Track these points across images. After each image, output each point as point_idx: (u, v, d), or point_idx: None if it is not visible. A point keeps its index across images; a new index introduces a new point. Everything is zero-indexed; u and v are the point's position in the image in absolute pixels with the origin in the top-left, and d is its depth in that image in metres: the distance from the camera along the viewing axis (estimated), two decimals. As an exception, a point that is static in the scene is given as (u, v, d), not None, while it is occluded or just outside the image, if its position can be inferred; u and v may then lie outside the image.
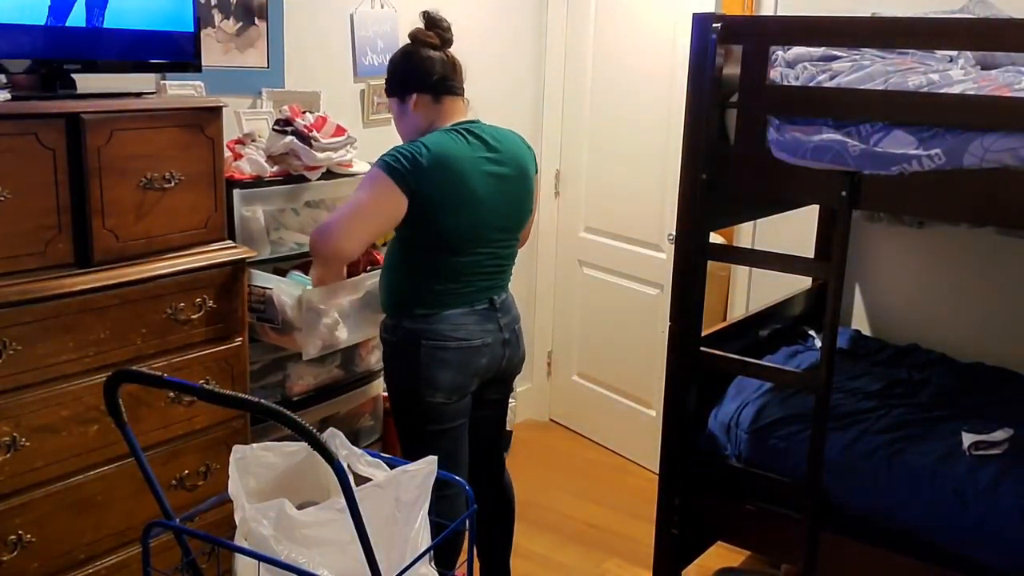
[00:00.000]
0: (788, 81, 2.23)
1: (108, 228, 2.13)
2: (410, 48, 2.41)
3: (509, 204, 2.39)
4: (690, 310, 2.46)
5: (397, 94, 2.42)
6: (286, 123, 2.62)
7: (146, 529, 1.68)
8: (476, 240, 2.33)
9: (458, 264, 2.32)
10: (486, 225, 2.34)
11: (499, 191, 2.35)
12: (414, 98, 2.37)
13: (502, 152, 2.37)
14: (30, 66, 2.14)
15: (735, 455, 2.57)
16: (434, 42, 2.38)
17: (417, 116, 2.39)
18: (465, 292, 2.34)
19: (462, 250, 2.31)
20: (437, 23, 2.40)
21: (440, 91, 2.37)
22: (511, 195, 2.39)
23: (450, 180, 2.25)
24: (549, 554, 3.18)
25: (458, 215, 2.27)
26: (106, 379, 1.61)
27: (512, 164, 2.39)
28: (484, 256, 2.36)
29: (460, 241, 2.30)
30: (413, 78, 2.38)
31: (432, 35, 2.39)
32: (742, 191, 2.40)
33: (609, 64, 3.83)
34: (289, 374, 2.74)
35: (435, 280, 2.32)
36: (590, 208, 4.02)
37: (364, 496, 1.56)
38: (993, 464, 2.27)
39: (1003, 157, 1.94)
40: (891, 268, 3.24)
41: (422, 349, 2.31)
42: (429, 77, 2.36)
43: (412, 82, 2.38)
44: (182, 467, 2.34)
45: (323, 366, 2.81)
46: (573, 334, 4.18)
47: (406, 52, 2.41)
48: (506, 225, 2.41)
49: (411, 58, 2.39)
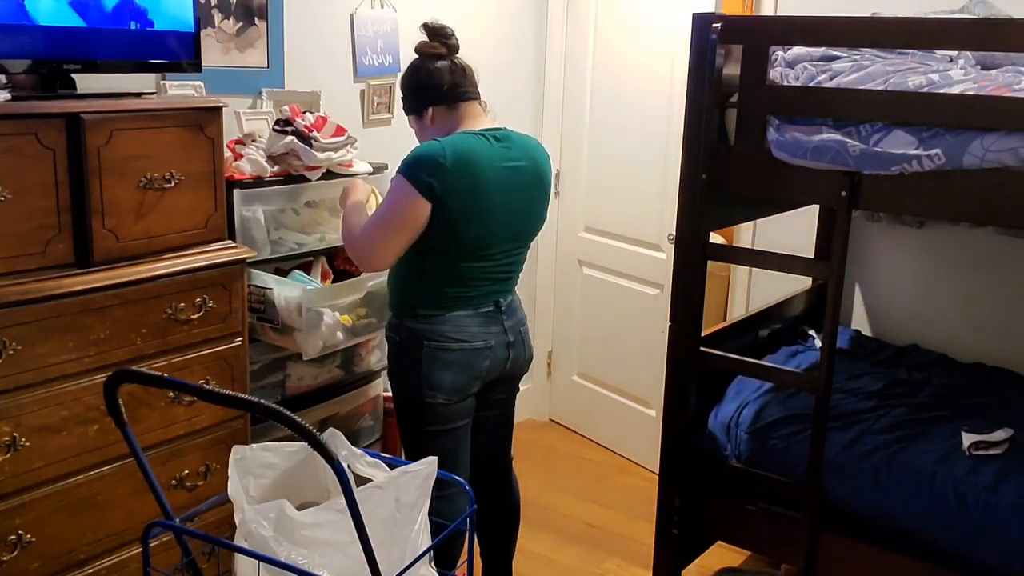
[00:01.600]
0: (788, 81, 2.23)
1: (108, 228, 2.13)
2: (417, 63, 2.40)
3: (524, 211, 2.39)
4: (690, 310, 2.46)
5: (415, 111, 2.42)
6: (286, 123, 2.62)
7: (146, 529, 1.68)
8: (489, 246, 2.32)
9: (469, 269, 2.31)
10: (501, 232, 2.33)
11: (517, 198, 2.34)
12: (430, 112, 2.37)
13: (522, 158, 2.36)
14: (30, 66, 2.14)
15: (735, 455, 2.57)
16: (440, 52, 2.37)
17: (437, 128, 2.38)
18: (471, 296, 2.34)
19: (474, 255, 2.31)
20: (440, 32, 2.39)
21: (454, 99, 2.36)
22: (528, 202, 2.39)
23: (470, 183, 2.24)
24: (549, 554, 3.18)
25: (475, 221, 2.26)
26: (106, 379, 1.61)
27: (532, 171, 2.39)
28: (494, 263, 2.35)
29: (474, 247, 2.29)
30: (425, 92, 2.37)
31: (436, 45, 2.38)
32: (742, 191, 2.40)
33: (609, 64, 3.83)
34: (289, 374, 2.74)
35: (444, 283, 2.31)
36: (590, 208, 4.02)
37: (364, 497, 1.56)
38: (993, 464, 2.27)
39: (1003, 157, 1.94)
40: (891, 268, 3.24)
41: (424, 350, 2.31)
42: (440, 88, 2.35)
43: (425, 96, 2.37)
44: (182, 467, 2.34)
45: (323, 366, 2.82)
46: (573, 334, 4.18)
47: (414, 67, 2.41)
48: (519, 233, 2.40)
49: (419, 72, 2.38)
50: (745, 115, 2.28)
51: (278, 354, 2.68)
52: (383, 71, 3.30)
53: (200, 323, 2.32)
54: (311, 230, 2.72)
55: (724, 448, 2.60)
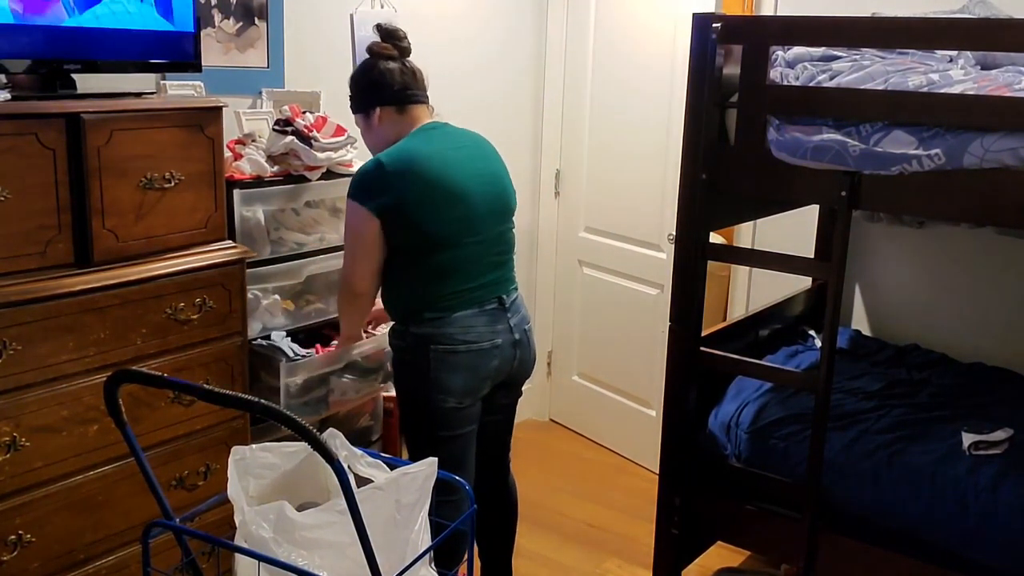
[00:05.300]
0: (788, 81, 2.23)
1: (108, 228, 2.13)
2: (369, 63, 2.43)
3: (490, 183, 2.41)
4: (690, 310, 2.46)
5: (362, 110, 2.44)
6: (286, 123, 2.62)
7: (146, 529, 1.68)
8: (468, 229, 2.32)
9: (457, 258, 2.31)
10: (476, 208, 2.34)
11: (476, 171, 2.37)
12: (378, 112, 2.40)
13: (461, 141, 2.41)
14: (30, 66, 2.14)
15: (735, 455, 2.57)
16: (391, 53, 2.41)
17: (383, 129, 2.41)
18: (473, 290, 2.34)
19: (456, 242, 2.31)
20: (393, 34, 2.43)
21: (403, 101, 2.39)
22: (491, 175, 2.42)
23: (421, 178, 2.26)
24: (549, 554, 3.18)
25: (444, 207, 2.28)
26: (106, 379, 1.61)
27: (473, 147, 2.43)
28: (482, 246, 2.36)
29: (451, 233, 2.30)
30: (374, 92, 2.40)
31: (388, 47, 2.41)
32: (742, 191, 2.40)
33: (609, 64, 3.83)
34: (332, 388, 2.70)
35: (440, 281, 2.31)
36: (590, 208, 4.02)
37: (365, 498, 1.55)
38: (993, 464, 2.27)
39: (1003, 157, 1.94)
40: (891, 268, 3.24)
41: (431, 354, 2.31)
42: (390, 88, 2.38)
43: (374, 96, 2.40)
44: (182, 467, 2.34)
45: (365, 380, 2.77)
46: (573, 334, 4.18)
47: (365, 67, 2.43)
48: (494, 208, 2.40)
49: (370, 72, 2.41)
50: (745, 115, 2.28)
51: (324, 370, 2.65)
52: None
53: (200, 323, 2.32)
54: (311, 230, 2.72)
55: (724, 448, 2.60)
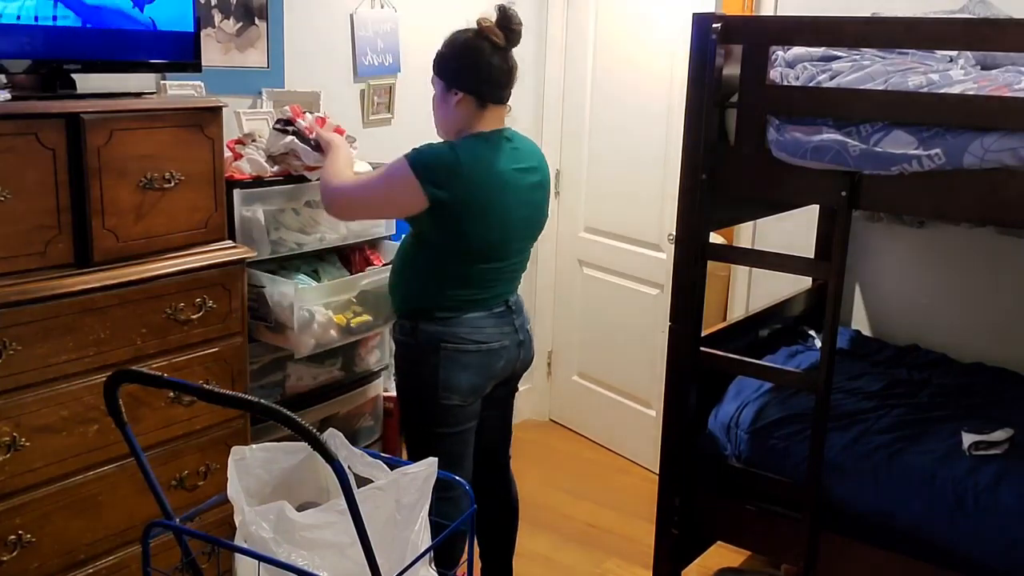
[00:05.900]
0: (788, 81, 2.23)
1: (108, 228, 2.13)
2: (474, 42, 2.27)
3: (532, 214, 2.40)
4: (690, 310, 2.46)
5: (445, 79, 2.30)
6: (287, 123, 2.62)
7: (146, 529, 1.68)
8: (503, 249, 2.33)
9: (485, 271, 2.32)
10: (514, 235, 2.34)
11: (527, 201, 2.35)
12: (460, 96, 2.28)
13: (529, 161, 2.37)
14: (30, 66, 2.14)
15: (735, 455, 2.57)
16: (499, 43, 2.26)
17: (457, 112, 2.30)
18: (484, 297, 2.35)
19: (490, 258, 2.31)
20: (509, 20, 2.27)
21: (488, 99, 2.28)
22: (535, 204, 2.40)
23: (483, 191, 2.23)
24: (549, 554, 3.18)
25: (491, 226, 2.27)
26: (106, 379, 1.61)
27: (537, 173, 2.39)
28: (506, 263, 2.36)
29: (490, 250, 2.30)
30: (466, 75, 2.27)
31: (499, 33, 2.26)
32: (742, 191, 2.40)
33: (609, 64, 3.83)
34: (289, 374, 2.74)
35: (459, 286, 2.31)
36: (590, 208, 4.02)
37: (365, 498, 1.55)
38: (993, 464, 2.27)
39: (1003, 157, 1.94)
40: (891, 268, 3.24)
41: (442, 352, 2.31)
42: (485, 82, 2.26)
43: (463, 79, 2.27)
44: (182, 467, 2.34)
45: (322, 366, 2.81)
46: (573, 334, 4.18)
47: (469, 45, 2.27)
48: (528, 234, 2.42)
49: (472, 53, 2.26)
50: (745, 115, 2.28)
51: (278, 354, 2.68)
52: (383, 71, 3.30)
53: (200, 323, 2.32)
54: (311, 230, 2.72)
55: (724, 448, 2.60)
